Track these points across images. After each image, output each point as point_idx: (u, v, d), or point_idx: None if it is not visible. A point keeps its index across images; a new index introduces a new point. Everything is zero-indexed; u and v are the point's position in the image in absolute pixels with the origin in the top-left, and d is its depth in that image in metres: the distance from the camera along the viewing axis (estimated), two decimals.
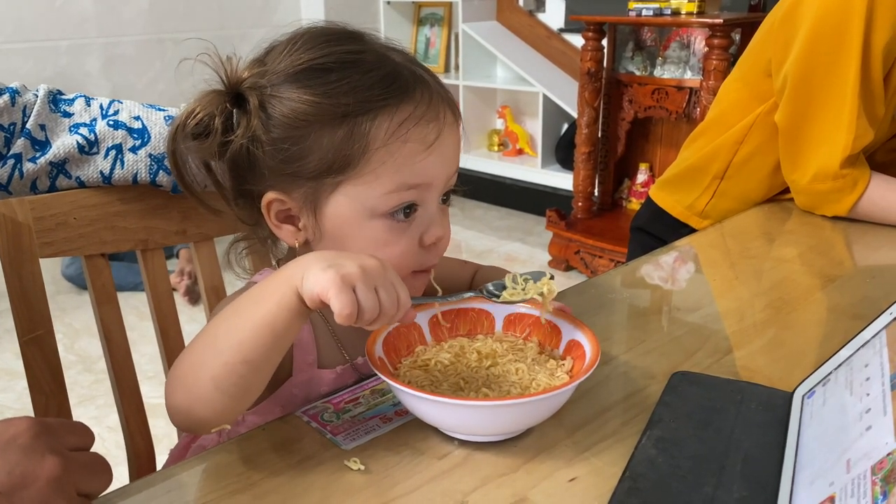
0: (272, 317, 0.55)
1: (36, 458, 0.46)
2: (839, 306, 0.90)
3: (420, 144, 0.63)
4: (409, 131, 0.62)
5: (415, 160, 0.63)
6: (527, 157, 3.80)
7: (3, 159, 0.78)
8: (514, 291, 0.68)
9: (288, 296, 0.55)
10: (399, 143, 0.62)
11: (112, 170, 0.81)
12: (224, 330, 0.57)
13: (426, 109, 0.64)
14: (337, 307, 0.52)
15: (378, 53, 0.65)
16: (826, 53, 1.11)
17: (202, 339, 0.58)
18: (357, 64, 0.63)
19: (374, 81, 0.62)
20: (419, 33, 4.11)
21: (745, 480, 0.55)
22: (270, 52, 0.66)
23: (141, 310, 1.43)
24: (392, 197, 0.64)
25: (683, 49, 2.78)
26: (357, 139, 0.62)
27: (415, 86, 0.64)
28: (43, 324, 0.81)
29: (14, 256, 0.79)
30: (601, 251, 2.90)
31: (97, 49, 3.31)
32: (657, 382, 0.70)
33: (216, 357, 0.56)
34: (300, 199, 0.65)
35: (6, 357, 2.39)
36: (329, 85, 0.62)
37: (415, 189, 0.64)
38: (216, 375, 0.55)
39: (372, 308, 0.53)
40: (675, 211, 1.37)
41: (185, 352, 0.59)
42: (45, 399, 0.81)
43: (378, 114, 0.62)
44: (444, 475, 0.58)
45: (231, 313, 0.57)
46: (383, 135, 0.62)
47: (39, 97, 0.80)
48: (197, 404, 0.56)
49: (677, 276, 1.04)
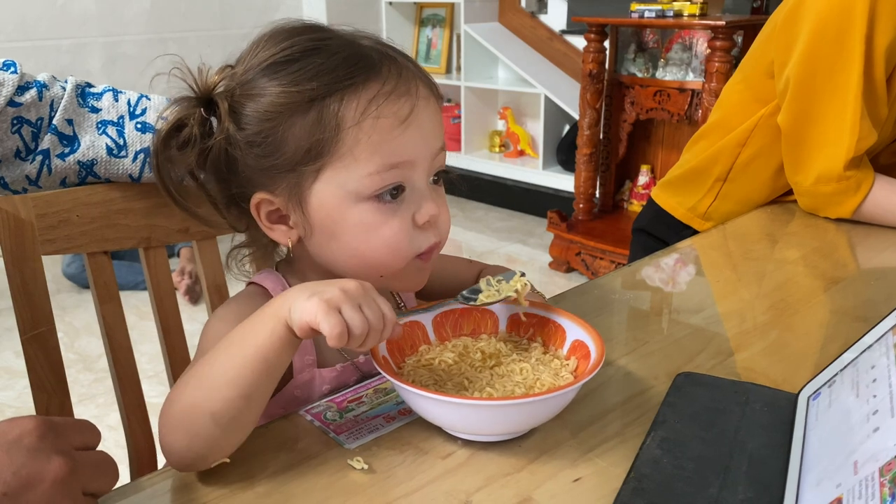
0: (265, 350, 0.56)
1: (42, 459, 0.45)
2: (842, 308, 0.90)
3: (393, 119, 0.62)
4: (379, 107, 0.62)
5: (391, 137, 0.62)
6: (528, 159, 3.80)
7: (31, 155, 0.78)
8: (489, 293, 0.69)
9: (278, 328, 0.56)
10: (371, 120, 0.62)
11: (141, 172, 0.82)
12: (218, 367, 0.57)
13: (395, 84, 0.63)
14: (327, 330, 0.53)
15: (344, 39, 0.65)
16: (828, 55, 1.10)
17: (194, 378, 0.58)
18: (320, 49, 0.63)
19: (338, 63, 0.62)
20: (421, 34, 4.11)
21: (751, 481, 0.54)
22: (239, 58, 0.67)
23: (141, 309, 1.43)
24: (375, 178, 0.63)
25: (685, 51, 2.78)
26: (327, 121, 0.62)
27: (381, 62, 0.63)
28: (45, 321, 0.81)
29: (16, 254, 0.79)
30: (602, 253, 2.89)
31: (99, 48, 3.31)
32: (661, 383, 0.70)
33: (214, 393, 0.56)
34: (285, 195, 0.65)
35: (6, 356, 2.39)
36: (294, 74, 0.62)
37: (397, 169, 0.63)
38: (215, 411, 0.55)
39: (360, 325, 0.55)
40: (677, 213, 1.36)
41: (175, 392, 0.59)
42: (47, 397, 0.81)
43: (345, 93, 0.62)
44: (448, 475, 0.57)
45: (221, 351, 0.58)
46: (353, 113, 0.61)
47: (67, 91, 0.80)
48: (196, 441, 0.56)
49: (679, 277, 1.04)
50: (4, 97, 0.75)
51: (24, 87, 0.77)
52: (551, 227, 3.08)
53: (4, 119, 0.76)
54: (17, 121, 0.76)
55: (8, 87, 0.76)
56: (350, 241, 0.65)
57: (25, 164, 0.78)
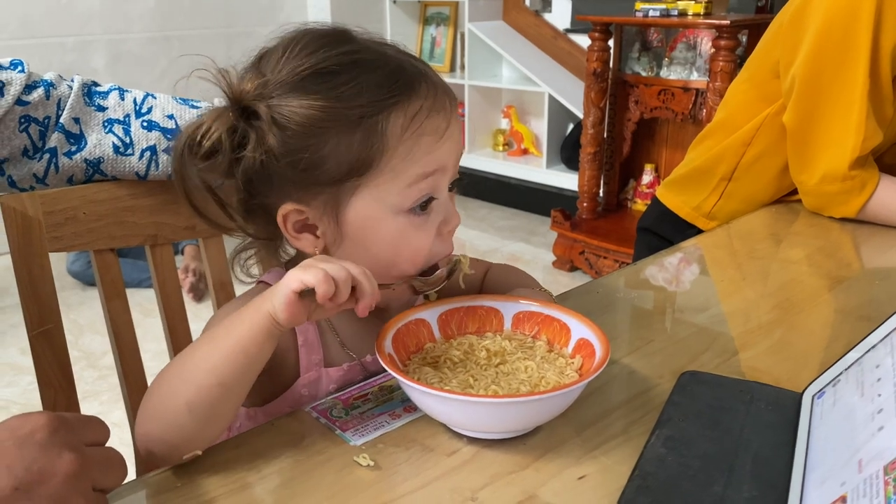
0: (245, 340, 0.57)
1: (53, 455, 0.46)
2: (847, 308, 0.90)
3: (434, 135, 0.64)
4: (422, 125, 0.63)
5: (431, 150, 0.64)
6: (532, 157, 3.80)
7: (39, 153, 0.78)
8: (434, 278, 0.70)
9: (257, 319, 0.57)
10: (415, 137, 0.63)
11: (147, 170, 0.83)
12: (198, 357, 0.58)
13: (434, 100, 0.64)
14: (311, 279, 0.55)
15: (373, 51, 0.65)
16: (834, 54, 1.10)
17: (174, 368, 0.59)
18: (359, 64, 0.63)
19: (381, 79, 0.62)
20: (425, 32, 4.11)
21: (755, 480, 0.55)
22: (265, 60, 0.65)
23: (146, 306, 1.44)
24: (412, 190, 0.64)
25: (690, 50, 2.77)
26: (374, 139, 0.62)
27: (419, 79, 0.64)
28: (52, 318, 0.81)
29: (24, 251, 0.79)
30: (606, 252, 2.89)
31: (103, 46, 3.31)
32: (665, 382, 0.70)
33: (191, 382, 0.57)
34: (320, 207, 0.65)
35: (11, 352, 2.40)
36: (338, 88, 0.61)
37: (431, 177, 0.64)
38: (190, 399, 0.56)
39: (340, 272, 0.56)
40: (682, 212, 1.36)
41: (155, 383, 0.60)
42: (54, 393, 0.82)
43: (391, 111, 0.62)
44: (453, 472, 0.58)
45: (203, 343, 0.59)
46: (399, 131, 0.62)
47: (74, 90, 0.81)
48: (170, 431, 0.57)
49: (683, 276, 1.04)
50: (13, 96, 0.75)
51: (32, 86, 0.78)
52: (555, 225, 3.08)
53: (12, 118, 0.76)
54: (24, 119, 0.77)
55: (16, 85, 0.76)
56: (379, 252, 0.66)
57: (33, 163, 0.79)
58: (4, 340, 2.48)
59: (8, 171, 0.79)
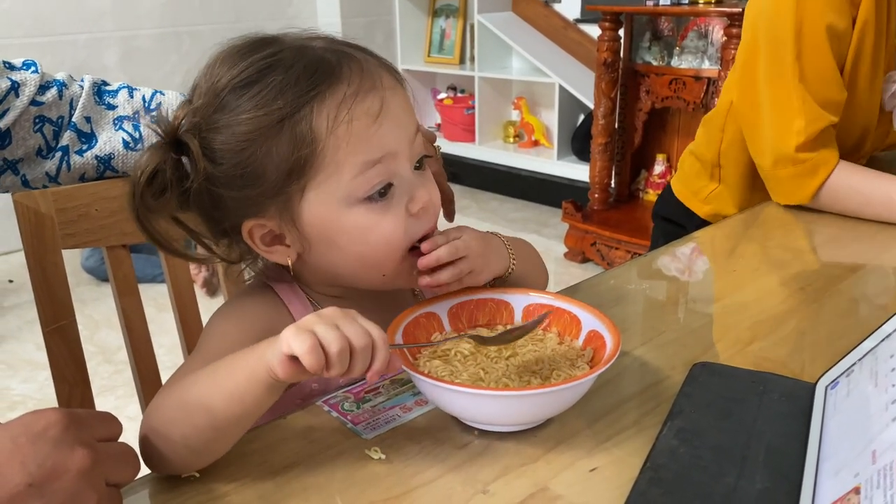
0: (242, 391, 0.55)
1: (66, 451, 0.46)
2: (861, 297, 0.90)
3: (366, 118, 0.61)
4: (350, 110, 0.61)
5: (368, 135, 0.62)
6: (542, 149, 3.79)
7: (52, 152, 0.79)
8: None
9: (258, 371, 0.54)
10: (344, 125, 0.61)
11: None
12: (197, 392, 0.57)
13: (360, 82, 0.62)
14: (297, 347, 0.51)
15: (295, 48, 0.63)
16: (765, 38, 1.11)
17: (175, 393, 0.58)
18: (276, 66, 0.61)
19: (298, 75, 0.61)
20: (434, 25, 4.10)
21: (768, 471, 0.54)
22: (195, 89, 0.64)
23: (159, 301, 1.44)
24: (361, 180, 0.62)
25: (701, 39, 2.75)
26: (302, 138, 0.60)
27: (339, 64, 0.62)
28: (66, 314, 0.82)
29: (37, 248, 0.80)
30: (618, 243, 2.88)
31: (114, 42, 3.33)
32: (677, 373, 0.70)
33: (187, 418, 0.56)
34: (276, 217, 0.64)
35: (28, 348, 2.42)
36: (256, 97, 0.60)
37: (381, 164, 0.63)
38: (186, 435, 0.56)
39: (335, 341, 0.52)
40: (682, 196, 1.37)
41: (161, 399, 0.59)
42: (69, 388, 0.82)
43: (313, 105, 0.60)
44: (465, 464, 0.58)
45: (207, 375, 0.57)
46: (325, 123, 0.60)
47: (84, 89, 0.81)
48: (169, 455, 0.56)
49: (696, 267, 1.04)
50: (27, 97, 0.76)
51: (45, 87, 0.78)
52: (566, 217, 3.07)
53: (27, 118, 0.77)
54: (38, 119, 0.78)
55: (30, 86, 0.77)
56: (349, 246, 0.65)
57: (46, 162, 0.79)
58: (21, 336, 2.50)
59: (22, 170, 0.79)
